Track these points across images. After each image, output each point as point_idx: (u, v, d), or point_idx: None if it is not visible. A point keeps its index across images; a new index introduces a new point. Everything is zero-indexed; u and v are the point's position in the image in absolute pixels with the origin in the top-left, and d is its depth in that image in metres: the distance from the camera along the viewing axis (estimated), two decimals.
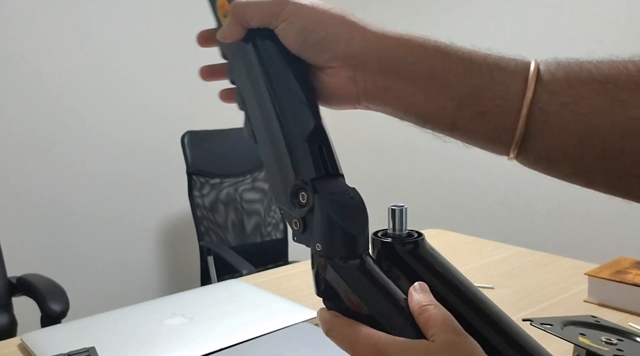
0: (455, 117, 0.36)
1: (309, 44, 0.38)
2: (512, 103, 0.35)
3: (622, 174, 0.34)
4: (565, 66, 0.35)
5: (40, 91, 1.95)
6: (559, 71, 0.35)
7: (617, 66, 0.34)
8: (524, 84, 0.35)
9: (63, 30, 1.96)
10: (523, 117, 0.34)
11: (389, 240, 0.39)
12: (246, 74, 0.40)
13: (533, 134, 0.35)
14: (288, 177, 0.37)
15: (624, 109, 0.33)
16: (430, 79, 0.36)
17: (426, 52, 0.36)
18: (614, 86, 0.33)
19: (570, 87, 0.34)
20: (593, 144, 0.34)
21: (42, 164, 1.98)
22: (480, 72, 0.36)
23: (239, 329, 0.73)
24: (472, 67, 0.36)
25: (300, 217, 0.37)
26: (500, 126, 0.35)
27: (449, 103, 0.36)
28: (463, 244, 1.26)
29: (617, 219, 1.88)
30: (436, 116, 0.37)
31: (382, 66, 0.37)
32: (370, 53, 0.37)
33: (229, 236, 2.04)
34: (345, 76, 0.38)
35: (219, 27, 0.43)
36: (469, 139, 0.38)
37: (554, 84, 0.35)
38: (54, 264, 2.00)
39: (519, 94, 0.35)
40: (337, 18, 0.37)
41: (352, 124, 2.74)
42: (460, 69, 0.36)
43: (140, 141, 2.20)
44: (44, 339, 0.73)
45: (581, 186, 0.37)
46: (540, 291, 0.93)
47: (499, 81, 0.35)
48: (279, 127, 0.38)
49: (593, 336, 0.59)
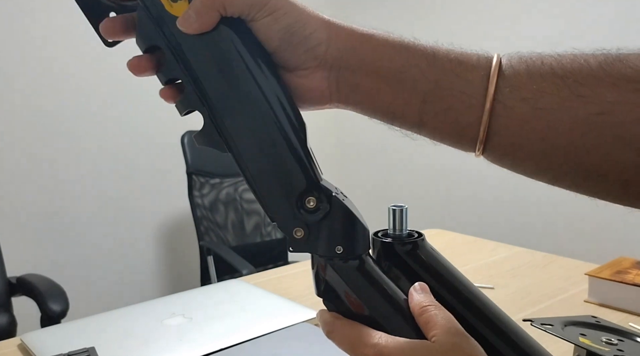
0: (421, 113, 0.36)
1: (292, 42, 0.36)
2: (475, 99, 0.35)
3: (586, 172, 0.34)
4: (527, 60, 0.35)
5: (40, 91, 1.95)
6: (521, 65, 0.34)
7: (578, 60, 0.33)
8: (487, 79, 0.34)
9: (63, 30, 1.96)
10: (486, 113, 0.34)
11: (389, 240, 0.39)
12: (219, 72, 0.35)
13: (496, 131, 0.35)
14: (293, 183, 0.35)
15: (584, 105, 0.32)
16: (396, 74, 0.36)
17: (391, 48, 0.36)
18: (574, 81, 0.33)
19: (531, 81, 0.34)
20: (555, 141, 0.33)
21: (42, 164, 1.98)
22: (443, 67, 0.35)
23: (239, 329, 0.73)
24: (435, 62, 0.35)
25: (308, 223, 0.35)
26: (465, 122, 0.35)
27: (415, 99, 0.36)
28: (463, 244, 1.26)
29: (617, 219, 1.88)
30: (403, 113, 0.37)
31: (351, 64, 0.36)
32: (344, 52, 0.36)
33: (229, 236, 2.04)
34: (320, 77, 0.37)
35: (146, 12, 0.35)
36: (436, 135, 0.37)
37: (515, 79, 0.34)
38: (54, 264, 2.00)
39: (481, 89, 0.34)
40: (318, 18, 0.36)
41: (353, 124, 2.74)
42: (423, 64, 0.35)
43: (140, 141, 2.20)
44: (43, 339, 0.73)
45: (546, 183, 0.37)
46: (540, 291, 0.93)
47: (461, 77, 0.35)
48: (280, 131, 0.35)
49: (593, 336, 0.59)
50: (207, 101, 0.35)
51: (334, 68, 0.37)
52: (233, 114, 0.35)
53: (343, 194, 0.37)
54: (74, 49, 2.00)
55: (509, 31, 2.11)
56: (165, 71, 0.36)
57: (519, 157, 0.35)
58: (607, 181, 0.33)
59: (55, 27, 1.96)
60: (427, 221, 2.32)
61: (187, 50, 0.35)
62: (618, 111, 0.32)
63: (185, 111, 0.37)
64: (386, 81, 0.36)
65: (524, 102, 0.34)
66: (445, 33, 2.29)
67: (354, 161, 2.83)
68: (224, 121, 0.35)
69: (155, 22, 0.35)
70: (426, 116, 0.36)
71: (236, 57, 0.35)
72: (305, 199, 0.35)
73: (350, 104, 0.38)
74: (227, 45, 0.35)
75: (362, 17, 2.51)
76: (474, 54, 0.36)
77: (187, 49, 0.35)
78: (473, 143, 0.36)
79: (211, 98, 0.35)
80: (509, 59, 0.35)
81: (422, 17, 2.41)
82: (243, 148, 0.35)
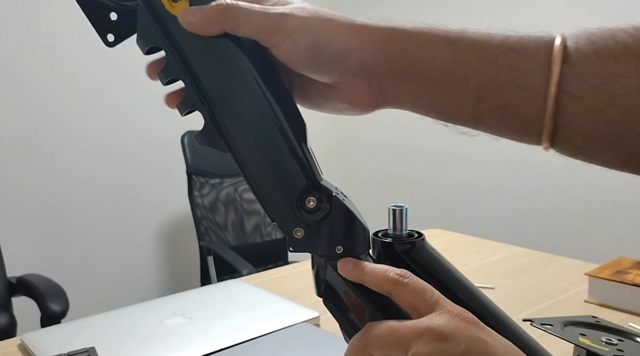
0: (476, 111, 0.33)
1: (320, 61, 0.34)
2: (535, 91, 0.31)
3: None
4: (596, 40, 0.31)
5: (40, 91, 1.95)
6: (590, 46, 0.30)
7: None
8: (548, 66, 0.31)
9: (63, 30, 1.96)
10: (550, 107, 0.31)
11: (389, 240, 0.39)
12: (219, 72, 0.35)
13: (565, 123, 0.31)
14: (293, 183, 0.35)
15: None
16: (445, 75, 0.33)
17: (436, 47, 0.33)
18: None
19: (602, 65, 0.30)
20: (636, 128, 0.30)
21: (42, 165, 1.98)
22: (496, 62, 0.32)
23: (239, 329, 0.73)
24: (486, 57, 0.32)
25: (309, 223, 0.35)
26: (526, 118, 0.32)
27: (467, 98, 0.33)
28: (463, 244, 1.26)
29: (617, 219, 1.88)
30: (456, 112, 0.34)
31: (392, 70, 0.34)
32: (382, 58, 0.34)
33: (229, 236, 2.04)
34: (361, 87, 0.35)
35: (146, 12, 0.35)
36: (495, 132, 0.35)
37: (583, 64, 0.30)
38: (54, 264, 2.00)
39: (542, 80, 0.31)
40: (344, 25, 0.34)
41: (353, 124, 2.74)
42: (472, 60, 0.32)
43: (140, 141, 2.20)
44: (43, 339, 0.73)
45: (631, 173, 0.33)
46: (540, 291, 0.93)
47: (518, 69, 0.32)
48: (280, 131, 0.35)
49: (593, 336, 0.59)
50: (208, 101, 0.35)
51: (373, 76, 0.34)
52: (233, 114, 0.35)
53: (343, 194, 0.37)
54: (74, 49, 2.00)
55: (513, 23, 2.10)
56: (166, 71, 0.36)
57: (594, 149, 0.32)
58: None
59: (58, 25, 1.96)
60: (427, 221, 2.32)
61: (187, 51, 0.35)
62: None
63: (186, 111, 0.37)
64: (433, 82, 0.33)
65: (595, 90, 0.30)
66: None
67: (354, 160, 2.83)
68: (224, 121, 0.35)
69: (155, 22, 0.35)
70: (482, 114, 0.33)
71: (236, 58, 0.35)
72: (306, 199, 0.35)
73: (399, 107, 0.36)
74: (228, 46, 0.35)
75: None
76: (531, 39, 0.32)
77: (187, 49, 0.35)
78: (539, 138, 0.33)
79: (211, 98, 0.35)
80: (575, 40, 0.31)
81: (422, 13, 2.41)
82: (243, 148, 0.35)
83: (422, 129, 2.30)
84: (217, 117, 0.35)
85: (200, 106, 0.36)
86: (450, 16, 2.30)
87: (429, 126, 0.40)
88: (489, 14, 2.18)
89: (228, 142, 0.35)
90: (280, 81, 0.36)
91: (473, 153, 2.24)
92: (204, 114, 0.36)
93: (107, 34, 0.37)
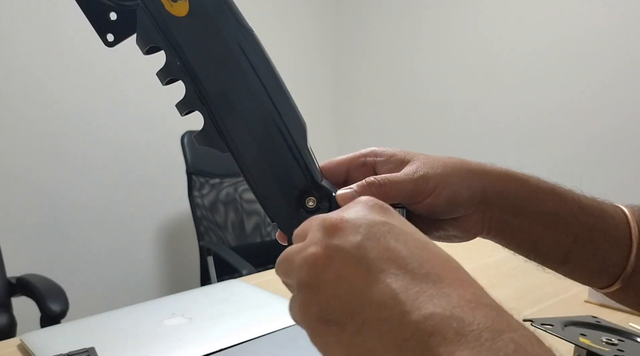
0: (568, 251, 0.40)
1: (455, 206, 0.39)
2: (621, 239, 0.40)
3: None
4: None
5: (40, 91, 1.95)
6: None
7: None
8: (626, 223, 0.40)
9: (64, 30, 1.96)
10: (634, 253, 0.39)
11: None
12: (219, 72, 0.35)
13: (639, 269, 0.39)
14: (293, 183, 0.35)
15: None
16: (549, 216, 0.40)
17: (544, 194, 0.40)
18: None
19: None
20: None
21: (42, 164, 1.98)
22: (593, 213, 0.40)
23: (238, 329, 0.73)
24: (584, 208, 0.40)
25: None
26: (611, 260, 0.40)
27: (565, 239, 0.40)
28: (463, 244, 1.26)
29: None
30: (550, 250, 0.41)
31: (506, 205, 0.40)
32: (499, 195, 0.40)
33: (229, 236, 2.04)
34: (476, 219, 0.40)
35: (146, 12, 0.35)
36: (576, 271, 0.42)
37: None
38: (53, 264, 2.00)
39: (625, 232, 0.40)
40: (467, 172, 0.39)
41: (353, 124, 2.74)
42: (575, 209, 0.40)
43: (140, 141, 2.20)
44: (43, 339, 0.73)
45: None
46: (540, 291, 0.93)
47: (608, 221, 0.40)
48: (280, 131, 0.35)
49: (594, 336, 0.59)
50: (207, 101, 0.35)
51: (487, 208, 0.40)
52: (233, 114, 0.35)
53: None
54: (73, 49, 2.00)
55: (510, 30, 2.11)
56: (166, 71, 0.36)
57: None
58: None
59: (58, 26, 1.96)
60: None
61: (187, 51, 0.35)
62: None
63: (185, 111, 0.37)
64: (537, 222, 0.40)
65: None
66: (446, 32, 2.29)
67: None
68: (224, 121, 0.35)
69: (155, 22, 0.35)
70: (572, 254, 0.40)
71: (237, 58, 0.35)
72: (306, 199, 0.35)
73: (497, 238, 0.42)
74: (228, 46, 0.35)
75: (363, 17, 2.51)
76: (608, 203, 0.42)
77: (187, 49, 0.35)
78: (612, 280, 0.41)
79: (211, 98, 0.35)
80: (632, 211, 0.41)
81: (423, 17, 2.41)
82: (243, 148, 0.35)
83: (421, 134, 2.30)
84: (216, 117, 0.35)
85: (199, 106, 0.36)
86: (450, 16, 2.30)
87: (428, 129, 0.41)
88: (490, 14, 2.18)
89: (228, 142, 0.36)
90: (280, 81, 0.36)
91: (473, 155, 2.23)
92: (203, 114, 0.36)
93: (106, 34, 0.37)
